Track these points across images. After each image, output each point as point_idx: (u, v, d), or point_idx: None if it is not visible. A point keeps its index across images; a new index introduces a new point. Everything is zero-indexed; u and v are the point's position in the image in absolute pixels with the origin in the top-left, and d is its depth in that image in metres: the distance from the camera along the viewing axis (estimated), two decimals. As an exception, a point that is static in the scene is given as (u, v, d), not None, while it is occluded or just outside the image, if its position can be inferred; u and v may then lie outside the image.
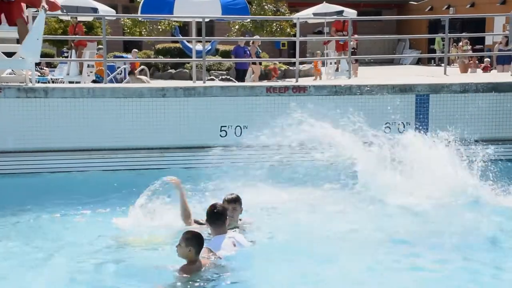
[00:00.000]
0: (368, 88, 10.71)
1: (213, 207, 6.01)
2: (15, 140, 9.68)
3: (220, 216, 5.93)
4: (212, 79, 18.29)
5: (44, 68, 19.30)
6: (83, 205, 8.09)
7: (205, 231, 6.14)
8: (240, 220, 6.70)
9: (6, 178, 9.46)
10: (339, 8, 21.60)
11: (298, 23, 12.43)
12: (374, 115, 10.65)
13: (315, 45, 29.62)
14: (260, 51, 19.35)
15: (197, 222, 6.67)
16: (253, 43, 19.58)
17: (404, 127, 10.70)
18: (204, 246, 5.53)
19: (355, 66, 19.97)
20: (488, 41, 29.29)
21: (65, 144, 9.84)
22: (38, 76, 15.33)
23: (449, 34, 13.43)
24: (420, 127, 10.70)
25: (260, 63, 19.74)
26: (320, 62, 21.12)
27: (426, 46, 34.27)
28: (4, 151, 9.66)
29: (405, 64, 32.58)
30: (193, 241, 5.37)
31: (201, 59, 12.11)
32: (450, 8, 33.25)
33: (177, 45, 24.79)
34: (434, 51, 31.54)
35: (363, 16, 22.44)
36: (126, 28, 27.21)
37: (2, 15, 9.69)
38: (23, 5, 9.79)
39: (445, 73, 12.75)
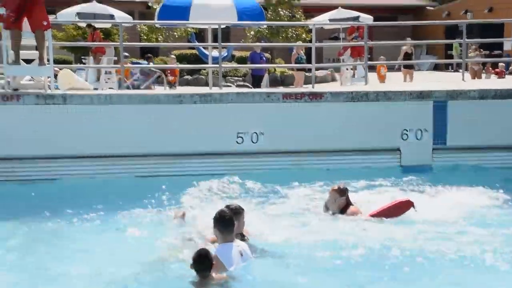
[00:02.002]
0: (385, 95, 10.66)
1: (222, 213, 5.93)
2: (34, 146, 9.74)
3: (229, 223, 5.84)
4: (229, 85, 18.33)
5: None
6: (102, 210, 8.12)
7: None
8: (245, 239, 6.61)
9: (25, 184, 9.51)
10: (355, 13, 21.57)
11: (314, 29, 12.42)
12: (392, 122, 10.61)
13: (331, 51, 29.60)
14: (304, 56, 19.26)
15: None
16: (296, 49, 19.55)
17: (422, 134, 10.63)
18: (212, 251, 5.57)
19: (410, 72, 19.93)
20: (507, 46, 29.03)
21: (83, 150, 9.88)
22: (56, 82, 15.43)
23: (466, 40, 13.33)
24: (439, 134, 10.67)
25: (304, 70, 19.70)
26: (383, 68, 20.92)
27: (443, 52, 34.05)
28: (23, 157, 9.73)
29: (422, 70, 32.41)
30: (201, 265, 5.39)
31: (217, 65, 12.14)
32: (468, 13, 33.05)
33: (194, 51, 24.88)
34: (451, 56, 31.33)
35: (379, 21, 22.35)
36: (142, 35, 27.37)
37: (25, 20, 9.76)
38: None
39: (463, 79, 12.66)
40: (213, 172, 9.97)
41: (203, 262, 5.40)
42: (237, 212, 6.32)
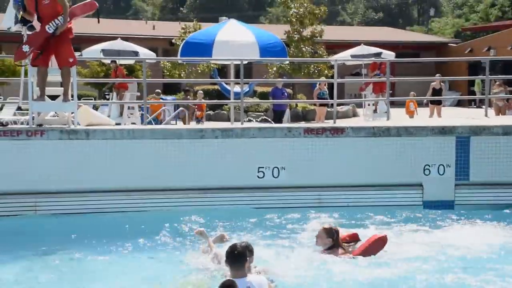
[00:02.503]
0: (407, 130, 10.62)
1: (233, 247, 5.84)
2: (58, 181, 9.84)
3: (239, 258, 5.72)
4: (250, 120, 18.42)
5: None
6: (121, 245, 8.17)
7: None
8: (255, 267, 6.52)
9: (50, 218, 9.58)
10: (377, 50, 21.65)
11: (336, 65, 12.47)
12: (414, 157, 10.54)
13: (353, 87, 29.67)
14: (326, 92, 19.43)
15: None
16: (319, 84, 19.69)
17: (444, 169, 10.53)
18: None
19: (438, 107, 19.91)
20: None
21: (106, 184, 9.95)
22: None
23: (489, 76, 13.26)
24: (461, 169, 10.56)
25: (325, 105, 19.83)
26: (412, 103, 20.92)
27: (466, 88, 33.93)
28: (47, 191, 9.82)
29: (445, 106, 32.26)
30: None
31: (239, 100, 12.22)
32: (491, 50, 32.97)
33: (215, 87, 25.11)
34: (474, 93, 31.18)
35: (401, 58, 22.39)
36: (165, 71, 27.75)
37: (53, 57, 9.97)
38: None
39: (486, 115, 12.55)
40: (234, 206, 9.99)
41: None
42: (251, 249, 6.25)
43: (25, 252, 8.01)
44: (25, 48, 9.66)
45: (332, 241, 7.74)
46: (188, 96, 19.08)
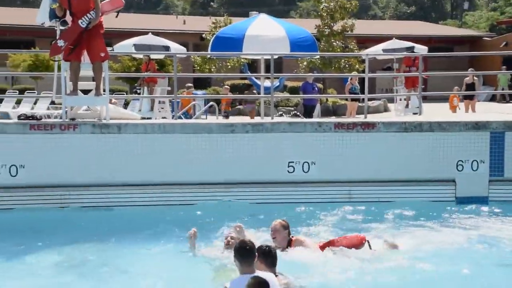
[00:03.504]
0: (440, 125, 10.48)
1: (242, 243, 5.76)
2: (90, 174, 9.95)
3: (249, 254, 5.62)
4: (281, 115, 18.38)
5: (114, 100, 19.82)
6: (150, 238, 8.22)
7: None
8: (277, 275, 6.15)
9: (82, 211, 9.72)
10: (409, 44, 21.39)
11: (367, 60, 12.36)
12: (447, 153, 10.40)
13: (384, 81, 29.42)
14: (358, 87, 19.31)
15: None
16: (351, 79, 19.57)
17: (478, 165, 10.37)
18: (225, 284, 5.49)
19: (472, 102, 19.68)
20: None
21: (138, 178, 10.04)
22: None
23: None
24: (496, 165, 10.38)
25: (357, 100, 19.72)
26: (456, 98, 20.68)
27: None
28: (80, 185, 9.95)
29: (479, 101, 31.74)
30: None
31: (269, 95, 12.20)
32: (527, 44, 32.35)
33: (246, 81, 25.12)
34: (508, 88, 30.58)
35: (434, 52, 22.09)
36: (196, 65, 27.86)
37: (85, 52, 10.08)
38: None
39: (520, 110, 12.35)
40: (264, 201, 9.99)
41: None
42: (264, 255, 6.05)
43: (55, 243, 8.12)
44: (60, 43, 9.79)
45: (289, 233, 7.47)
46: (254, 91, 18.89)
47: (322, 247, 7.52)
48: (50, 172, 9.86)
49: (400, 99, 18.86)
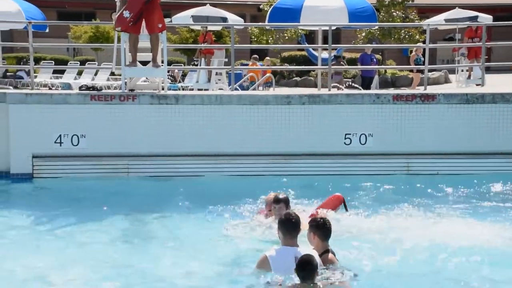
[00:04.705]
0: (503, 97, 10.15)
1: (287, 215, 5.71)
2: (148, 144, 10.14)
3: (294, 226, 5.58)
4: (337, 87, 18.18)
5: (174, 73, 20.02)
6: (207, 208, 8.30)
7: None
8: (329, 250, 5.84)
9: (139, 180, 9.94)
10: (473, 13, 20.68)
11: (428, 30, 12.03)
12: (509, 125, 10.09)
13: (445, 52, 28.62)
14: (422, 58, 18.87)
15: None
16: (416, 50, 19.14)
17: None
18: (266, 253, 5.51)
19: None
20: None
21: (193, 149, 10.17)
22: (170, 83, 16.01)
23: None
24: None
25: (421, 71, 19.31)
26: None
27: None
28: (138, 155, 10.15)
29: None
30: (303, 271, 5.19)
31: (327, 67, 12.07)
32: None
33: (303, 53, 24.90)
34: None
35: (499, 21, 21.29)
36: (253, 37, 27.77)
37: (143, 23, 10.19)
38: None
39: None
40: (320, 173, 9.96)
41: (304, 268, 5.26)
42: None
43: (118, 212, 8.33)
44: (126, 14, 9.92)
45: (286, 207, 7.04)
46: (342, 62, 18.79)
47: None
48: (110, 142, 10.08)
49: (462, 70, 18.33)
